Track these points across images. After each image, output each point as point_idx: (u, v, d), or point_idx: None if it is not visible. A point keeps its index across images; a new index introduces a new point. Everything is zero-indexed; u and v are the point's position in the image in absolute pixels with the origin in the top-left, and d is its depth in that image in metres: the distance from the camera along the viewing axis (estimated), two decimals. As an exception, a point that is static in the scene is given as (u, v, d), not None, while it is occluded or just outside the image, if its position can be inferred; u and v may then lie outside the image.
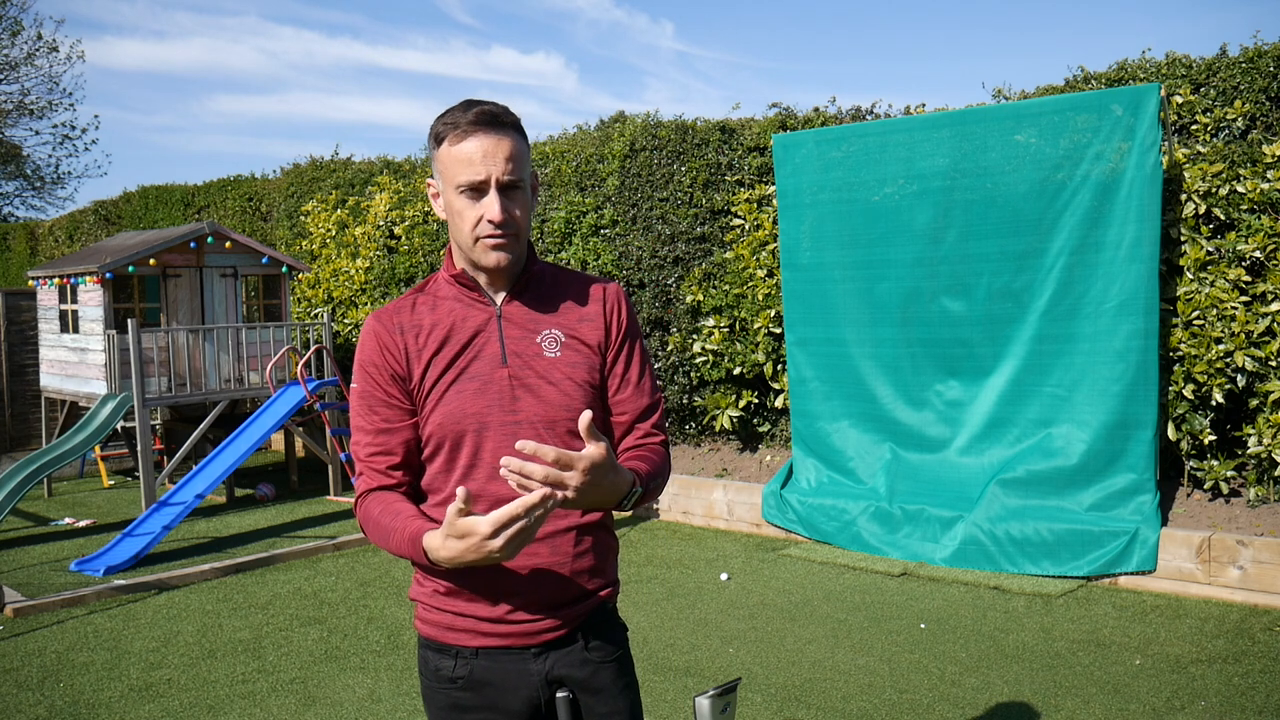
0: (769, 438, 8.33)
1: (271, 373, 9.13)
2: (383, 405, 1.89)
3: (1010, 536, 6.33)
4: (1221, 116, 6.51)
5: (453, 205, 1.83)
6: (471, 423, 1.84)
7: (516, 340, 1.88)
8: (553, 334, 1.90)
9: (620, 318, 1.97)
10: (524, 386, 1.86)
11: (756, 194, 8.15)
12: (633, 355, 1.98)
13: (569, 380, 1.88)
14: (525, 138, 1.87)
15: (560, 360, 1.89)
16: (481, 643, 1.88)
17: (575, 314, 1.94)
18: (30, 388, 12.10)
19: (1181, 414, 6.24)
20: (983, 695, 4.50)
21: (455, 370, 1.86)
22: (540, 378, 1.87)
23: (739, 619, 5.66)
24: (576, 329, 1.92)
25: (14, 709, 4.62)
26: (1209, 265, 6.16)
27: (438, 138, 1.83)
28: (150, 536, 7.30)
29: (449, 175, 1.82)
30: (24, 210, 26.35)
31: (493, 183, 1.79)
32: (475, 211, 1.81)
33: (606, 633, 1.96)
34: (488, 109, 1.81)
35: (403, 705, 4.55)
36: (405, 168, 11.94)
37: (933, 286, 6.90)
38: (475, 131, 1.79)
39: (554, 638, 1.88)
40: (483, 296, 1.90)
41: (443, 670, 1.91)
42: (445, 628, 1.90)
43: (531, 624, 1.87)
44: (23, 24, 23.41)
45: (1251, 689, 4.48)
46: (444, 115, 1.84)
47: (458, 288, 1.91)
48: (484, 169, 1.78)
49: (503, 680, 1.88)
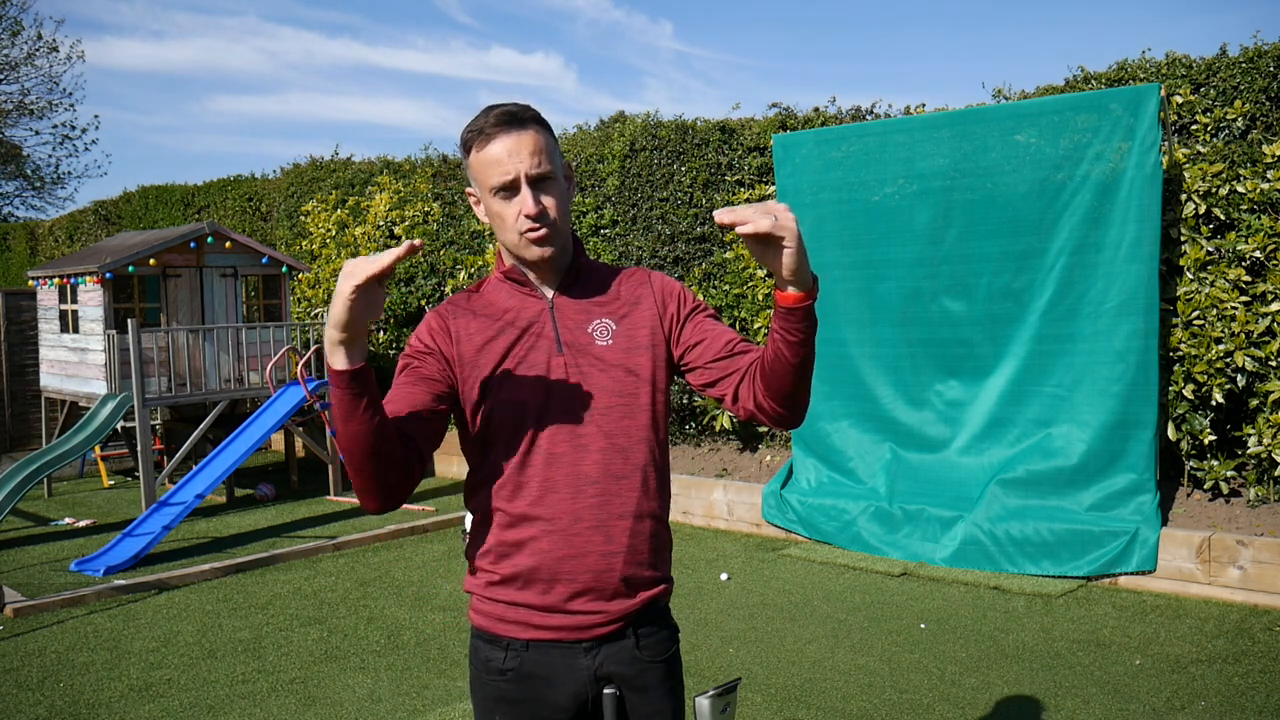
0: (769, 438, 8.33)
1: (271, 373, 9.13)
2: (413, 385, 1.87)
3: (1010, 536, 6.33)
4: (1221, 116, 6.51)
5: (492, 209, 1.88)
6: (529, 411, 1.86)
7: (570, 330, 1.91)
8: (604, 322, 1.93)
9: (672, 292, 1.99)
10: (579, 373, 1.89)
11: (756, 194, 8.15)
12: (700, 313, 1.98)
13: (621, 367, 1.91)
14: (549, 129, 1.89)
15: (613, 347, 1.91)
16: (533, 635, 1.88)
17: (625, 302, 1.97)
18: (30, 388, 12.10)
19: (1181, 414, 6.24)
20: (983, 695, 4.50)
21: (513, 359, 1.88)
22: (594, 365, 1.90)
23: (739, 619, 5.66)
24: (628, 315, 1.95)
25: (14, 709, 4.62)
26: (1209, 265, 6.16)
27: (466, 146, 1.87)
28: (150, 536, 7.30)
29: (482, 180, 1.86)
30: (24, 210, 26.38)
31: (522, 179, 1.82)
32: (512, 210, 1.84)
33: (658, 630, 1.95)
34: (506, 109, 1.85)
35: (403, 705, 4.55)
36: (405, 168, 11.94)
37: (933, 286, 6.90)
38: (498, 133, 1.83)
39: (606, 633, 1.88)
40: (534, 290, 1.94)
41: (493, 662, 1.91)
42: (497, 619, 1.90)
43: (584, 617, 1.86)
44: (23, 24, 23.45)
45: (1251, 689, 4.48)
46: (470, 124, 1.87)
47: (509, 284, 1.95)
48: (511, 167, 1.81)
49: (551, 674, 1.88)
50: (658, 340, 1.95)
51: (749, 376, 1.88)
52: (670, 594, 2.00)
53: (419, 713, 4.46)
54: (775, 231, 1.61)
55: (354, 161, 12.87)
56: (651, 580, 1.92)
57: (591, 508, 1.85)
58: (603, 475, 1.86)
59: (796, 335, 1.74)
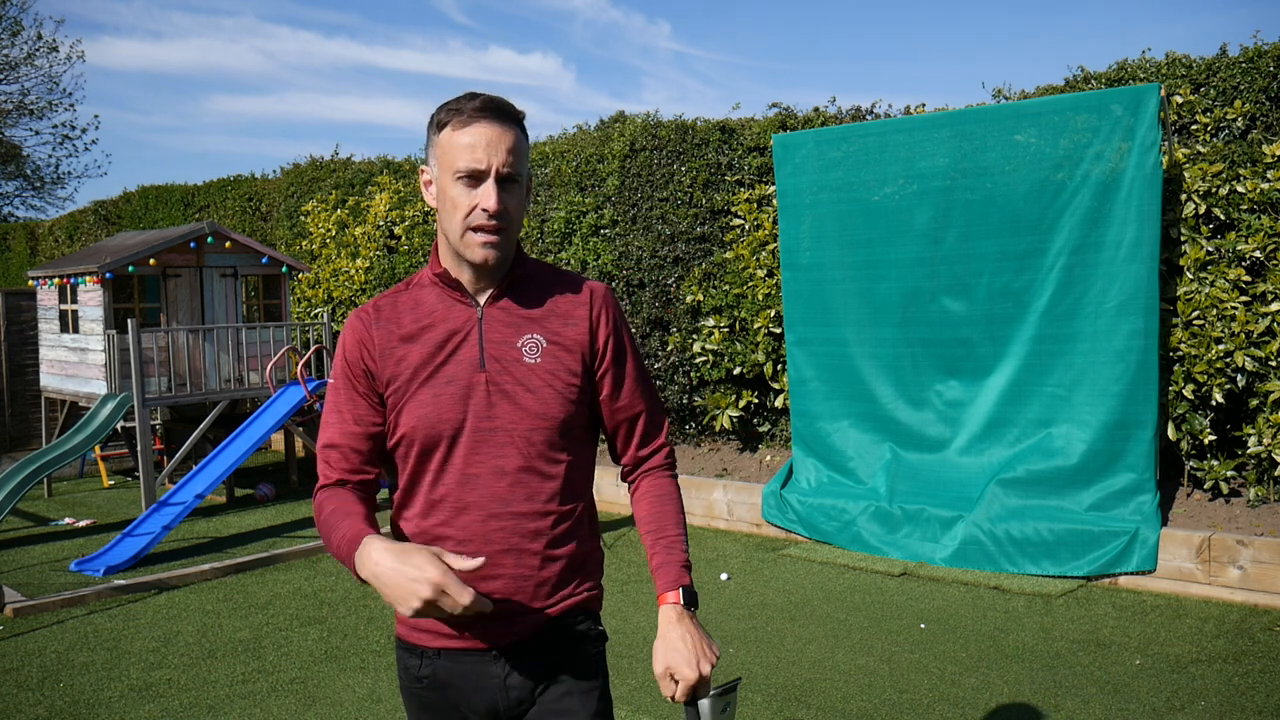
0: (769, 438, 8.33)
1: (271, 373, 9.13)
2: (352, 400, 1.85)
3: (1010, 536, 6.33)
4: (1221, 116, 6.51)
5: (446, 192, 1.78)
6: (446, 427, 1.79)
7: (496, 344, 1.82)
8: (534, 338, 1.83)
9: (607, 319, 1.90)
10: (501, 393, 1.80)
11: (756, 194, 8.15)
12: (623, 359, 1.92)
13: (548, 388, 1.82)
14: (527, 136, 1.83)
15: (540, 366, 1.82)
16: (442, 643, 1.86)
17: (559, 317, 1.86)
18: (30, 388, 12.09)
19: (1181, 414, 6.24)
20: (983, 695, 4.50)
21: (429, 370, 1.81)
22: (519, 384, 1.80)
23: (739, 619, 5.66)
24: (560, 333, 1.85)
25: (14, 709, 4.62)
26: (1209, 265, 6.16)
27: (439, 124, 1.79)
28: (150, 536, 7.29)
29: (447, 161, 1.77)
30: (24, 210, 26.36)
31: (492, 172, 1.75)
32: (470, 200, 1.76)
33: (576, 638, 1.89)
34: (495, 99, 1.79)
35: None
36: (405, 168, 11.94)
37: (933, 286, 6.90)
38: (480, 119, 1.76)
39: (515, 639, 1.84)
40: (464, 296, 1.84)
41: (410, 669, 1.92)
42: (411, 627, 1.90)
43: (491, 629, 1.82)
44: (23, 24, 23.45)
45: (1251, 689, 4.48)
46: (447, 103, 1.80)
47: (441, 287, 1.86)
48: (485, 157, 1.74)
49: (463, 681, 1.86)
50: (586, 365, 1.87)
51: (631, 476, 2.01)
52: (596, 600, 1.94)
53: (419, 713, 4.45)
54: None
55: (354, 161, 12.87)
56: (569, 595, 1.87)
57: (504, 530, 1.79)
58: (518, 499, 1.80)
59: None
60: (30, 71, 23.93)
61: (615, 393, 1.91)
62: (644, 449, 1.97)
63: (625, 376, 1.92)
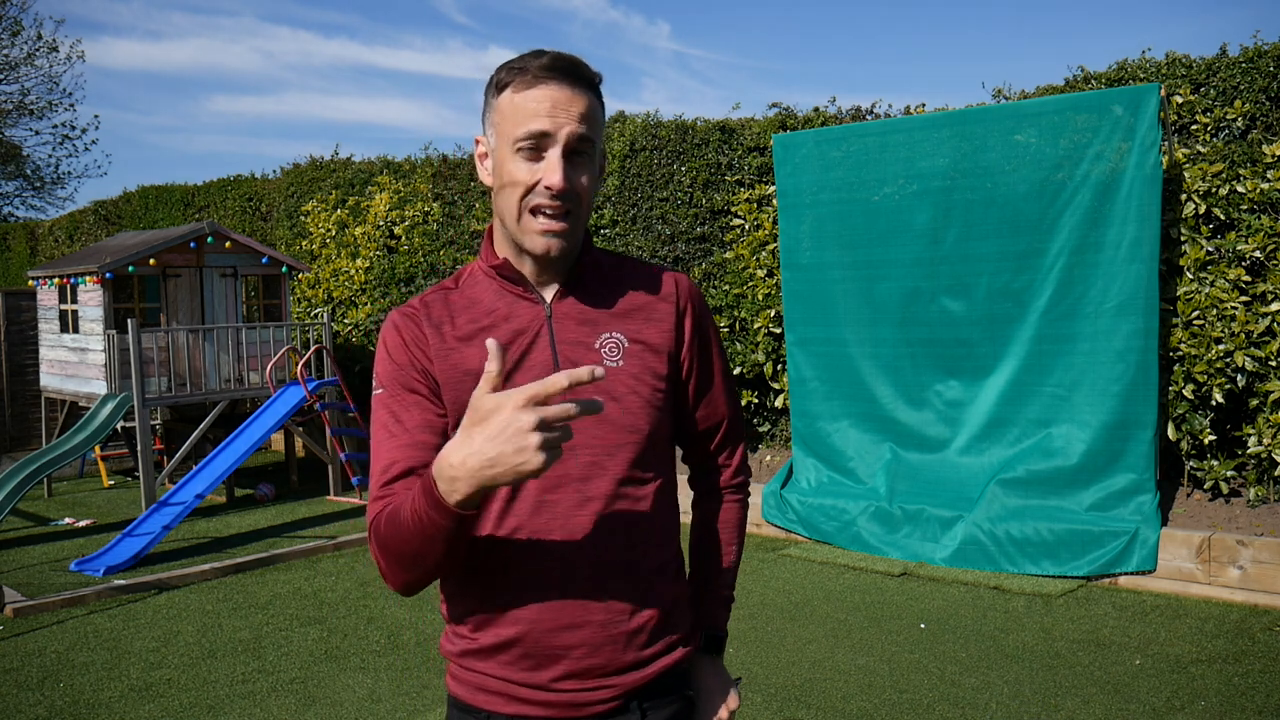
0: (769, 438, 8.33)
1: (271, 373, 9.13)
2: (417, 405, 1.51)
3: (1010, 536, 6.33)
4: (1221, 116, 6.51)
5: (504, 165, 1.49)
6: None
7: (571, 345, 1.54)
8: (615, 337, 1.57)
9: (694, 315, 1.64)
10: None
11: (756, 194, 8.15)
12: (710, 360, 1.68)
13: (634, 395, 1.54)
14: (603, 103, 1.55)
15: (624, 370, 1.55)
16: (516, 709, 1.53)
17: (641, 313, 1.60)
18: (30, 388, 12.10)
19: (1181, 414, 6.24)
20: (983, 695, 4.50)
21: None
22: (601, 391, 1.52)
23: (739, 619, 5.66)
24: (643, 332, 1.59)
25: (14, 709, 4.62)
26: (1209, 265, 6.16)
27: (499, 85, 1.50)
28: (150, 536, 7.30)
29: (506, 128, 1.48)
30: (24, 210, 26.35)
31: (560, 139, 1.46)
32: (531, 175, 1.47)
33: (670, 703, 1.60)
34: (566, 57, 1.49)
35: (403, 705, 4.55)
36: (405, 168, 11.93)
37: (933, 286, 6.90)
38: (547, 80, 1.46)
39: (604, 710, 1.53)
40: (529, 292, 1.56)
41: None
42: (476, 688, 1.56)
43: (578, 694, 1.52)
44: (23, 24, 23.42)
45: (1251, 689, 4.48)
46: (510, 61, 1.51)
47: (499, 281, 1.58)
48: (551, 121, 1.45)
49: None
50: (674, 365, 1.62)
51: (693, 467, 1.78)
52: (691, 653, 1.66)
53: (419, 713, 4.46)
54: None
55: (354, 161, 12.86)
56: (666, 648, 1.58)
57: (590, 565, 1.50)
58: (606, 525, 1.51)
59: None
60: (30, 71, 23.91)
61: (700, 399, 1.67)
62: (719, 457, 1.76)
63: (713, 380, 1.69)
